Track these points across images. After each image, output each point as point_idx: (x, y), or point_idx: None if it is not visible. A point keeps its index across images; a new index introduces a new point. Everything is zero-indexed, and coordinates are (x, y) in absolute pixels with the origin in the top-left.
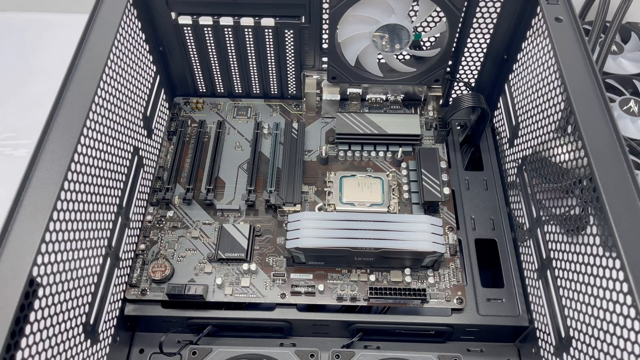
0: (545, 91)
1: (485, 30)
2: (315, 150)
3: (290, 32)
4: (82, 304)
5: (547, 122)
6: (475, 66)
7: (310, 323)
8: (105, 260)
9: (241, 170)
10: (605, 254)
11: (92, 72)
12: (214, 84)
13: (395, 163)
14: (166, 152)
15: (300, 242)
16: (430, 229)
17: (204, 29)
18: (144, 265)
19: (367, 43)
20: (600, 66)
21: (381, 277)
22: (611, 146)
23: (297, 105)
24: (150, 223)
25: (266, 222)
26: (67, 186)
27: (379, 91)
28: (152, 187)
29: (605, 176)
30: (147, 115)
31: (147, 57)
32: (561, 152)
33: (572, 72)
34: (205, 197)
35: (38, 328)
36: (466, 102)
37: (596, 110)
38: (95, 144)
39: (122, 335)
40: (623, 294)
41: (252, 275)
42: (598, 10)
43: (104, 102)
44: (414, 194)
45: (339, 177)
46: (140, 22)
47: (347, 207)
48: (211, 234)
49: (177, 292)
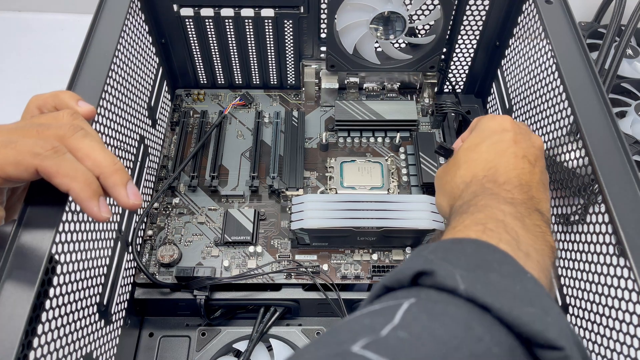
0: (537, 72)
1: (477, 18)
2: (315, 137)
3: (290, 22)
4: (95, 284)
5: (540, 101)
6: (469, 53)
7: (316, 302)
8: (116, 243)
9: (244, 157)
10: (599, 220)
11: (102, 62)
12: (215, 75)
13: (393, 148)
14: (170, 142)
15: (304, 223)
16: (430, 208)
17: (205, 20)
18: (152, 250)
19: (364, 31)
20: (615, 70)
21: (383, 257)
22: (602, 117)
23: (297, 94)
24: (157, 210)
25: (270, 207)
26: None
27: (376, 80)
28: (157, 175)
29: (598, 150)
30: (152, 106)
31: (151, 49)
32: (555, 129)
33: (564, 51)
34: (210, 184)
35: (57, 304)
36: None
37: (588, 88)
38: (105, 130)
39: (132, 319)
40: (616, 257)
41: (257, 257)
42: (613, 13)
43: (113, 91)
44: (413, 176)
45: (339, 163)
46: (144, 15)
47: (348, 190)
48: (217, 219)
49: (186, 275)
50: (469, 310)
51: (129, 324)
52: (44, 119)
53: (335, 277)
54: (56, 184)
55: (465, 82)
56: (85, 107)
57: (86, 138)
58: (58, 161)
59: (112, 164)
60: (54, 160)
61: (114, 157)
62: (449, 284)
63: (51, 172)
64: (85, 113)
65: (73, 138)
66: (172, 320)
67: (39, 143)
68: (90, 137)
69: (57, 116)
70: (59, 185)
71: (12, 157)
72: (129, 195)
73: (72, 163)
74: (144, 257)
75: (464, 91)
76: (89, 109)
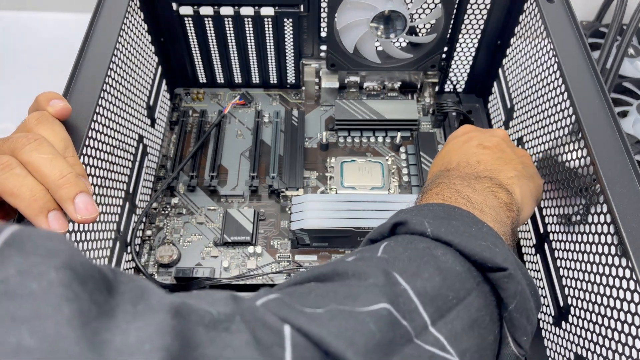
0: (539, 71)
1: (479, 16)
2: (315, 137)
3: (290, 20)
4: None
5: (541, 101)
6: (470, 52)
7: None
8: (114, 244)
9: (243, 157)
10: (600, 220)
11: (100, 62)
12: (214, 74)
13: (394, 148)
14: (169, 142)
15: (304, 223)
16: None
17: (205, 19)
18: (151, 250)
19: (365, 30)
20: (617, 69)
21: None
22: (603, 116)
23: (296, 94)
24: (156, 210)
25: (269, 207)
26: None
27: (376, 79)
28: (156, 175)
29: (600, 150)
30: (151, 105)
31: (150, 48)
32: (556, 128)
33: (565, 50)
34: (209, 184)
35: None
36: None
37: (590, 87)
38: (104, 130)
39: None
40: (618, 257)
41: (257, 258)
42: (615, 12)
43: (112, 90)
44: (414, 176)
45: (339, 162)
46: (143, 13)
47: (349, 190)
48: (216, 219)
49: (185, 275)
50: (435, 245)
51: None
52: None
53: None
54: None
55: (466, 82)
56: (57, 107)
57: (37, 149)
58: (5, 177)
59: (58, 177)
60: (1, 177)
61: (64, 169)
62: (419, 229)
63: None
64: (57, 113)
65: (23, 151)
66: None
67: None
68: (42, 147)
69: (24, 123)
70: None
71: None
72: (76, 210)
73: (18, 179)
74: (142, 258)
75: (465, 90)
76: (60, 108)
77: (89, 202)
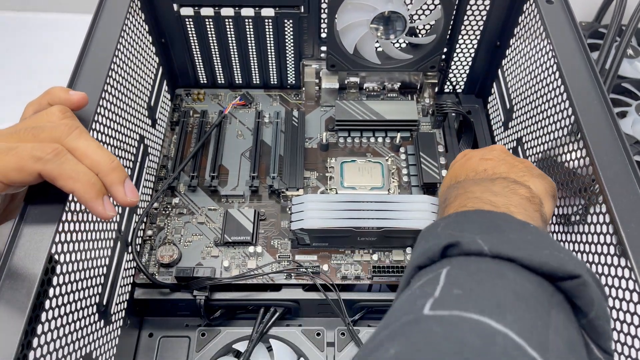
0: (538, 72)
1: (478, 17)
2: (315, 137)
3: (290, 21)
4: (95, 284)
5: (541, 101)
6: (470, 53)
7: (316, 303)
8: (115, 243)
9: (244, 157)
10: (599, 220)
11: (101, 62)
12: (215, 75)
13: (393, 148)
14: (169, 142)
15: (304, 223)
16: (430, 208)
17: (205, 20)
18: (152, 250)
19: (365, 30)
20: (616, 69)
21: (383, 257)
22: (603, 117)
23: (297, 94)
24: (157, 210)
25: (270, 207)
26: None
27: (376, 79)
28: (157, 175)
29: (599, 150)
30: (152, 106)
31: (151, 49)
32: (556, 129)
33: (565, 51)
34: (210, 184)
35: (56, 304)
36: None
37: (589, 88)
38: (105, 130)
39: (132, 319)
40: (617, 257)
41: (257, 258)
42: (614, 13)
43: (113, 90)
44: (413, 176)
45: (339, 163)
46: (144, 14)
47: (349, 190)
48: (217, 219)
49: (186, 275)
50: (497, 264)
51: (128, 324)
52: (35, 121)
53: (336, 278)
54: (60, 186)
55: (465, 82)
56: (76, 96)
57: (82, 137)
58: (60, 164)
59: (109, 162)
60: (56, 163)
61: (111, 155)
62: (474, 248)
63: (54, 175)
64: (78, 102)
65: (69, 138)
66: (171, 320)
67: (39, 147)
68: (85, 135)
69: (47, 115)
70: (62, 187)
71: (14, 163)
72: (126, 193)
73: (73, 164)
74: (143, 257)
75: (464, 91)
76: (80, 97)
77: (134, 187)
